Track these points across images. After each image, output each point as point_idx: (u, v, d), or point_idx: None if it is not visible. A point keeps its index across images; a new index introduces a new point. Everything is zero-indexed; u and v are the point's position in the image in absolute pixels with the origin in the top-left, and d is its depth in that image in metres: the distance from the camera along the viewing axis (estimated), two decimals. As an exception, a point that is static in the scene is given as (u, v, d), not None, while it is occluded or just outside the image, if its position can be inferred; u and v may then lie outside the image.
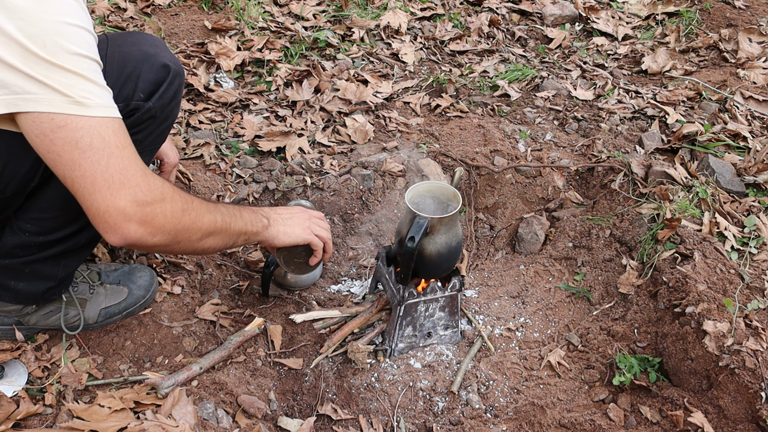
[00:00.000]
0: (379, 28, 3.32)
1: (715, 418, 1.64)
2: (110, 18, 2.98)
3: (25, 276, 1.47)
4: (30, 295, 1.52)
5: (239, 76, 2.85)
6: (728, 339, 1.69)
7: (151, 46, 1.42)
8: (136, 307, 1.70)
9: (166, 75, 1.40)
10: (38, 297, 1.54)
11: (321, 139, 2.55)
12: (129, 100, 1.34)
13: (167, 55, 1.42)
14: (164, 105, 1.42)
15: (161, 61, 1.39)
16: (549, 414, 1.71)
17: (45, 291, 1.52)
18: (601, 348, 1.92)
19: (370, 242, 2.37)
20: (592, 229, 2.29)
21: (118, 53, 1.35)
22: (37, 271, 1.47)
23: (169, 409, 1.44)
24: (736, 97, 2.88)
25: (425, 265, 1.78)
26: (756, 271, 1.95)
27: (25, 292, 1.50)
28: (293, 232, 1.59)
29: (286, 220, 1.60)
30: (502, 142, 2.63)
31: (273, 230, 1.55)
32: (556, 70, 3.28)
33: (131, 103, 1.34)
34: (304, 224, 1.62)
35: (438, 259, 1.77)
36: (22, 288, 1.49)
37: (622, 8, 3.98)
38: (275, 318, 1.93)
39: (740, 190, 2.28)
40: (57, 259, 1.47)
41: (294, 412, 1.70)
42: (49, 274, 1.49)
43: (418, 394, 1.80)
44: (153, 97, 1.38)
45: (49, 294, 1.54)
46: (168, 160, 1.85)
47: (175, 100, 1.47)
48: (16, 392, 1.45)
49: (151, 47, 1.41)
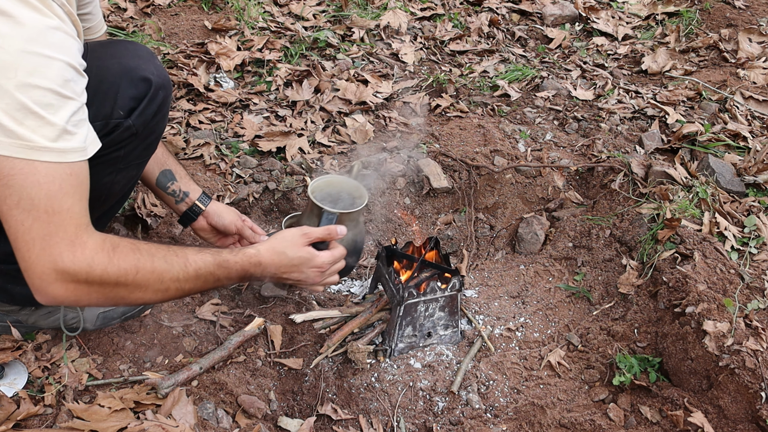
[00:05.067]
0: (379, 28, 3.32)
1: (715, 418, 1.64)
2: (110, 18, 2.98)
3: (21, 281, 1.44)
4: (27, 298, 1.51)
5: (239, 76, 2.85)
6: (728, 339, 1.69)
7: (131, 57, 1.34)
8: (135, 312, 1.70)
9: (147, 89, 1.33)
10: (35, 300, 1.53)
11: (321, 139, 2.55)
12: (108, 119, 1.28)
13: (149, 67, 1.35)
14: (146, 121, 1.35)
15: (141, 75, 1.32)
16: (549, 414, 1.71)
17: None
18: (601, 348, 1.92)
19: (370, 242, 2.37)
20: (592, 229, 2.29)
21: (96, 67, 1.27)
22: None
23: (169, 409, 1.44)
24: (736, 97, 2.88)
25: None
26: (756, 271, 1.95)
27: (21, 295, 1.50)
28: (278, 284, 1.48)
29: (273, 279, 1.47)
30: (502, 142, 2.63)
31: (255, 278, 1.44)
32: (556, 70, 3.28)
33: (110, 121, 1.28)
34: (284, 283, 1.51)
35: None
36: (19, 291, 1.48)
37: (622, 8, 3.98)
38: (275, 318, 1.93)
39: (740, 190, 2.28)
40: None
41: (294, 412, 1.70)
42: None
43: (418, 394, 1.80)
44: (133, 113, 1.31)
45: None
46: (230, 230, 1.76)
47: (160, 114, 1.40)
48: (16, 393, 1.45)
49: (131, 59, 1.34)
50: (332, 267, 1.55)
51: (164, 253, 1.21)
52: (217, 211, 1.76)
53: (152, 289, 1.19)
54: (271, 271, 1.42)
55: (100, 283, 1.10)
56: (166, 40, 2.96)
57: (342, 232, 1.55)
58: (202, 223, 1.77)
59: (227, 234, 1.80)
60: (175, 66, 2.76)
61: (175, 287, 1.23)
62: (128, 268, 1.13)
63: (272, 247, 1.43)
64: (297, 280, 1.49)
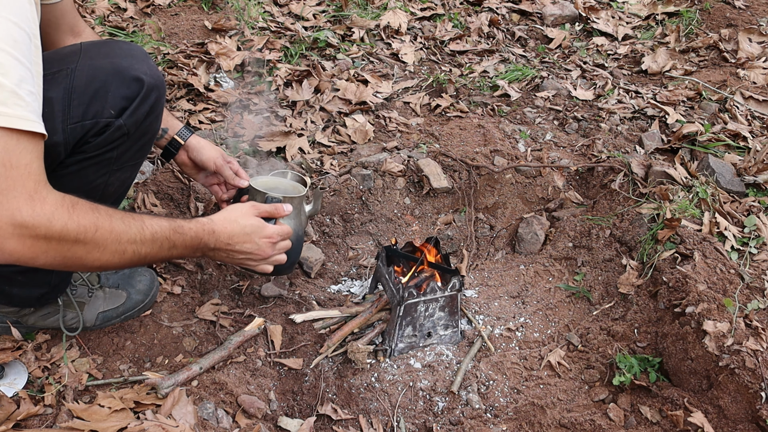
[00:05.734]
0: (379, 28, 3.32)
1: (715, 418, 1.64)
2: (110, 18, 2.98)
3: (18, 283, 1.45)
4: (24, 300, 1.51)
5: (239, 76, 2.85)
6: (728, 339, 1.69)
7: (124, 57, 1.33)
8: (135, 311, 1.70)
9: (138, 89, 1.31)
10: (33, 302, 1.53)
11: (321, 139, 2.55)
12: (98, 117, 1.27)
13: (142, 67, 1.33)
14: (138, 121, 1.34)
15: (133, 75, 1.30)
16: (549, 414, 1.71)
17: (39, 297, 1.52)
18: (601, 348, 1.92)
19: (370, 242, 2.37)
20: (592, 229, 2.29)
21: (88, 66, 1.27)
22: (30, 278, 1.45)
23: (169, 409, 1.44)
24: (736, 97, 2.88)
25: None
26: (756, 271, 1.95)
27: (19, 297, 1.50)
28: (228, 262, 1.50)
29: (226, 252, 1.48)
30: (502, 142, 2.63)
31: (211, 257, 1.48)
32: (556, 70, 3.28)
33: (101, 120, 1.27)
34: (235, 262, 1.52)
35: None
36: (17, 293, 1.48)
37: (622, 8, 3.98)
38: (275, 318, 1.93)
39: (740, 190, 2.28)
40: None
41: (294, 412, 1.70)
42: (42, 282, 1.48)
43: (418, 394, 1.80)
44: (125, 113, 1.30)
45: (44, 299, 1.54)
46: (209, 166, 1.76)
47: (153, 114, 1.38)
48: (16, 393, 1.45)
49: (124, 59, 1.32)
50: (281, 243, 1.57)
51: (121, 215, 1.20)
52: (197, 146, 1.76)
53: (110, 250, 1.16)
54: (224, 240, 1.43)
55: (59, 239, 1.07)
56: (166, 40, 2.96)
57: (288, 210, 1.61)
58: (183, 157, 1.77)
59: (207, 170, 1.79)
60: (175, 66, 2.76)
61: (132, 250, 1.21)
62: (88, 225, 1.11)
63: (225, 216, 1.46)
64: (249, 253, 1.49)
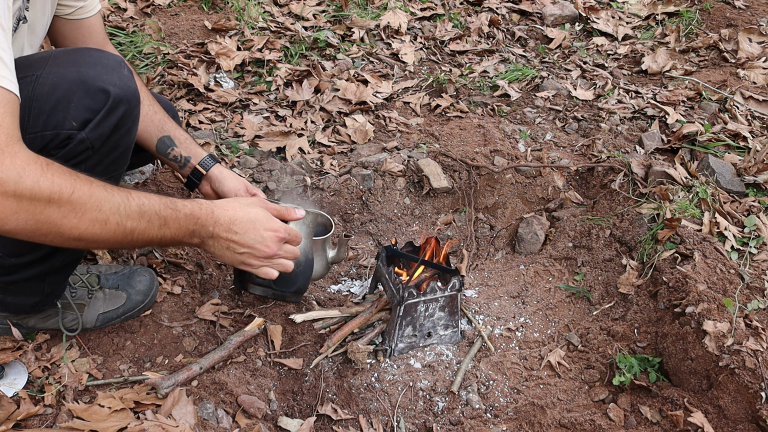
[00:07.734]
0: (379, 28, 3.32)
1: (715, 418, 1.64)
2: (110, 18, 2.98)
3: (11, 291, 1.43)
4: (18, 307, 1.50)
5: (239, 76, 2.85)
6: (728, 339, 1.69)
7: (92, 66, 1.23)
8: (135, 312, 1.70)
9: (104, 101, 1.21)
10: (27, 309, 1.52)
11: (321, 139, 2.55)
12: (59, 129, 1.18)
13: (111, 78, 1.23)
14: (103, 135, 1.23)
15: (99, 85, 1.20)
16: (549, 414, 1.71)
17: (33, 304, 1.50)
18: (601, 348, 1.92)
19: (370, 242, 2.37)
20: (592, 229, 2.29)
21: (54, 74, 1.19)
22: (22, 287, 1.43)
23: (169, 409, 1.44)
24: (736, 97, 2.88)
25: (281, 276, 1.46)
26: (756, 271, 1.95)
27: (14, 305, 1.49)
28: (227, 259, 1.35)
29: (226, 241, 1.33)
30: (502, 142, 2.63)
31: (208, 248, 1.33)
32: (556, 70, 3.28)
33: (62, 132, 1.18)
34: (235, 257, 1.35)
35: (296, 266, 1.51)
36: (11, 301, 1.47)
37: (622, 8, 3.98)
38: (275, 318, 1.93)
39: (740, 190, 2.28)
40: (41, 277, 1.41)
41: (294, 412, 1.70)
42: (35, 290, 1.46)
43: (418, 394, 1.80)
44: (88, 126, 1.20)
45: (38, 307, 1.53)
46: (226, 195, 1.66)
47: (123, 129, 1.28)
48: (16, 393, 1.45)
49: (92, 68, 1.23)
50: (287, 245, 1.42)
51: (103, 183, 1.11)
52: (219, 177, 1.68)
53: (89, 218, 1.06)
54: (224, 224, 1.30)
55: (30, 197, 0.98)
56: (166, 40, 2.96)
57: (300, 214, 1.47)
58: (206, 187, 1.71)
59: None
60: (175, 66, 2.76)
61: (115, 221, 1.10)
62: (63, 185, 1.02)
63: (227, 200, 1.37)
64: (251, 247, 1.34)
